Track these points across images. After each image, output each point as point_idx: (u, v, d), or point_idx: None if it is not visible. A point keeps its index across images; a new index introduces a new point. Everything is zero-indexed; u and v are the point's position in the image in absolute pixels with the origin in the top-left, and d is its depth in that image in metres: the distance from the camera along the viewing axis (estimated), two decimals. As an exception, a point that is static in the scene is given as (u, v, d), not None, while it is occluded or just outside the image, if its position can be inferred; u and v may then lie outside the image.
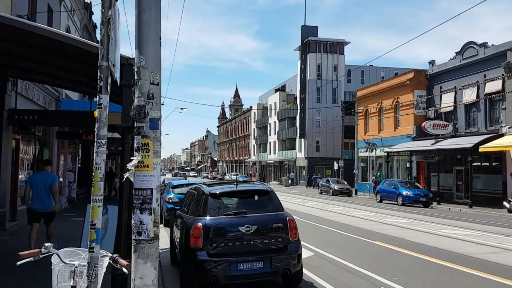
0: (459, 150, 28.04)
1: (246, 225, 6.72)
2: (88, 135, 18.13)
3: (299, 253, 7.14)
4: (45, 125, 13.83)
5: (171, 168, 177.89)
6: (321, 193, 40.53)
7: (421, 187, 29.34)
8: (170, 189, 16.82)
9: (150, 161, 3.92)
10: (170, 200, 15.71)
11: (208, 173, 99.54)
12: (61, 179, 19.21)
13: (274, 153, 71.00)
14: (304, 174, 58.37)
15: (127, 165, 3.90)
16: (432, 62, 35.22)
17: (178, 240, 8.03)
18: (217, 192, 7.42)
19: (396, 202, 27.96)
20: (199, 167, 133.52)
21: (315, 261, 9.67)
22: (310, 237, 12.69)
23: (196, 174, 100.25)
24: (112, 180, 26.86)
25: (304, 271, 7.82)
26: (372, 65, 60.68)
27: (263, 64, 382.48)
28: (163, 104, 17.81)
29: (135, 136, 4.01)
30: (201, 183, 9.38)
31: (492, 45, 29.04)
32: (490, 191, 27.28)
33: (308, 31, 58.22)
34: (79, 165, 24.81)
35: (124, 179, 5.33)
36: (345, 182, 41.08)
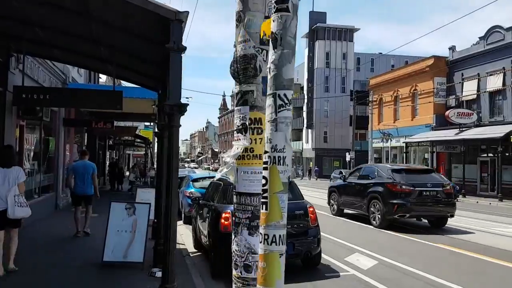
0: (488, 140, 26.49)
1: None
2: (98, 122, 16.53)
3: (319, 238, 7.89)
4: (61, 105, 12.13)
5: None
6: (333, 185, 38.97)
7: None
8: (190, 182, 15.26)
9: (263, 148, 2.39)
10: (192, 195, 14.09)
11: (209, 165, 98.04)
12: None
13: (279, 144, 69.37)
14: (311, 166, 56.84)
15: (224, 155, 2.37)
16: (452, 48, 33.56)
17: (202, 226, 8.78)
18: None
19: (419, 195, 26.40)
20: (200, 158, 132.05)
21: (387, 274, 8.14)
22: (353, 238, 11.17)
23: (196, 166, 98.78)
24: (116, 173, 25.27)
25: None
26: (381, 53, 58.98)
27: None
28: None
29: (236, 109, 2.45)
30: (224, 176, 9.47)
31: (521, 28, 27.40)
32: (520, 184, 25.77)
33: (317, 17, 56.26)
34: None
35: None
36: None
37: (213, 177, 16.46)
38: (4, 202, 6.31)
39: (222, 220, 7.46)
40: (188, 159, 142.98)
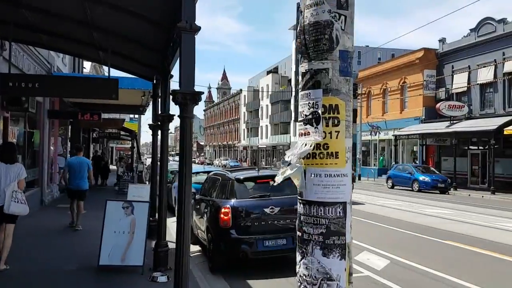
0: (480, 133, 26.35)
1: (270, 207, 7.45)
2: (85, 114, 15.75)
3: None
4: (52, 95, 11.27)
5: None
6: (322, 178, 38.68)
7: (437, 172, 27.61)
8: (184, 177, 14.64)
9: (341, 143, 1.85)
10: (186, 190, 13.52)
11: (194, 158, 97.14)
12: (54, 165, 16.84)
13: (266, 138, 68.88)
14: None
15: (287, 153, 1.82)
16: (442, 40, 33.39)
17: (200, 222, 8.79)
18: (242, 177, 8.16)
19: (410, 188, 26.23)
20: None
21: (399, 274, 7.70)
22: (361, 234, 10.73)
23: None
24: (101, 168, 24.31)
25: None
26: (368, 46, 58.75)
27: (247, 47, 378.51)
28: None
29: (302, 93, 1.89)
30: (222, 170, 10.38)
31: (513, 20, 27.28)
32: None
33: (304, 10, 55.53)
34: (69, 149, 22.28)
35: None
36: (348, 167, 39.24)
37: (209, 171, 15.91)
38: (2, 198, 6.32)
39: (222, 215, 7.39)
40: (173, 152, 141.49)
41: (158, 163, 11.49)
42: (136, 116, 45.22)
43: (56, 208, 14.13)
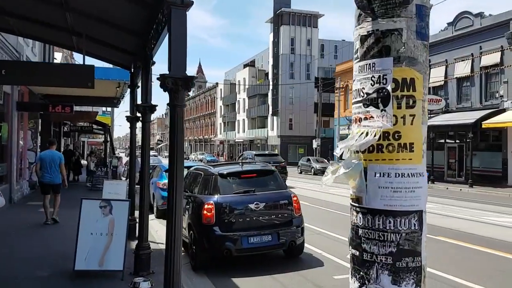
0: (458, 126, 26.51)
1: (255, 202, 7.25)
2: (56, 106, 14.91)
3: (302, 227, 7.75)
4: (22, 83, 10.40)
5: (126, 147, 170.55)
6: (300, 172, 38.49)
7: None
8: (163, 172, 13.99)
9: (417, 132, 1.36)
10: (165, 187, 12.90)
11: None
12: (25, 159, 15.92)
13: (244, 132, 68.31)
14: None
15: (340, 145, 1.36)
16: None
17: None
18: (225, 172, 7.91)
19: (389, 182, 26.16)
20: (159, 146, 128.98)
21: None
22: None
23: (156, 154, 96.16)
24: (72, 163, 23.29)
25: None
26: (345, 40, 58.86)
27: (222, 41, 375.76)
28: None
29: (361, 64, 1.42)
30: (204, 165, 10.11)
31: (490, 15, 27.46)
32: (488, 170, 25.98)
33: (281, 2, 55.12)
34: (40, 144, 21.24)
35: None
36: (326, 161, 39.19)
37: (189, 166, 15.29)
38: None
39: (205, 212, 7.16)
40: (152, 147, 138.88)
41: (139, 158, 10.90)
42: (109, 109, 44.04)
43: (26, 205, 13.35)
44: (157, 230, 10.67)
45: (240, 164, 8.67)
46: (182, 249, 8.98)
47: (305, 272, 7.18)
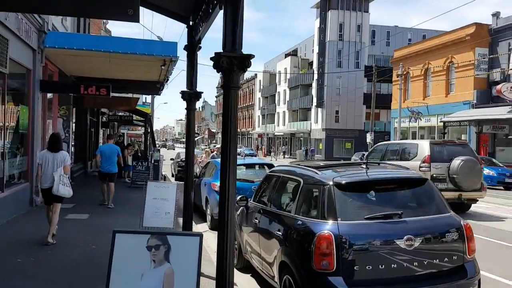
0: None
1: (406, 236, 4.31)
2: (89, 87, 12.19)
3: (479, 278, 4.67)
4: (35, 11, 7.63)
5: (164, 139, 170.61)
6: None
7: (501, 165, 23.67)
8: (219, 171, 11.03)
9: None
10: (226, 189, 9.94)
11: (206, 145, 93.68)
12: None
13: (283, 125, 65.04)
14: (320, 148, 52.71)
15: None
16: (496, 14, 29.26)
17: (261, 244, 5.71)
18: (347, 182, 4.77)
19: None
20: (196, 139, 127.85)
21: None
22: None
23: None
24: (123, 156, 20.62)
25: None
26: (397, 26, 54.59)
27: (259, 34, 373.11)
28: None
29: None
30: (295, 165, 6.33)
31: None
32: None
33: (329, -15, 51.22)
34: (74, 133, 18.72)
35: None
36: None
37: (254, 164, 12.27)
38: (51, 181, 7.06)
39: (318, 249, 4.29)
40: (183, 140, 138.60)
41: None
42: (148, 100, 41.63)
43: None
44: (215, 250, 7.67)
45: (365, 167, 5.36)
46: (250, 275, 6.08)
47: None
